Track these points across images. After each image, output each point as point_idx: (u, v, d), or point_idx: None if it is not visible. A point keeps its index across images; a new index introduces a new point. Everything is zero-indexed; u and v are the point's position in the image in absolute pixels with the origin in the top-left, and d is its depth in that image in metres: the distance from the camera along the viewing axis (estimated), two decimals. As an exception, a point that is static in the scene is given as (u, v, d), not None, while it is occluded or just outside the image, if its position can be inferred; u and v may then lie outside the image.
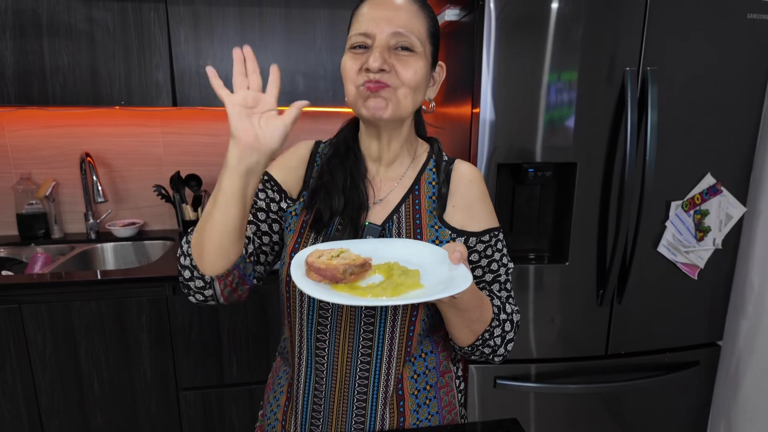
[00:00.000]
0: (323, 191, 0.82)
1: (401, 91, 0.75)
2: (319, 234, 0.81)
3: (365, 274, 0.67)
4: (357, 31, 0.74)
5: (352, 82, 0.75)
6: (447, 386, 0.88)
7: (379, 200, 0.84)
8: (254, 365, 1.73)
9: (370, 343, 0.79)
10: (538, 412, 1.65)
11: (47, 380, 1.61)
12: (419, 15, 0.76)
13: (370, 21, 0.73)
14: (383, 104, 0.74)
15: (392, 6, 0.74)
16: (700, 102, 1.47)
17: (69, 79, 1.70)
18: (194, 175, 1.85)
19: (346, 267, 0.64)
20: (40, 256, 1.85)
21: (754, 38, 1.45)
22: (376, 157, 0.85)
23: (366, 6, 0.76)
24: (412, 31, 0.74)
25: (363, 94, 0.74)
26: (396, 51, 0.74)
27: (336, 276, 0.64)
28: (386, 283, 0.65)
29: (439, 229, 0.81)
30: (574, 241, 1.51)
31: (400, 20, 0.73)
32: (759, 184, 1.61)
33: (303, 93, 1.83)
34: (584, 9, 1.36)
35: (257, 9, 1.74)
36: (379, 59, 0.71)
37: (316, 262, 0.65)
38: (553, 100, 1.41)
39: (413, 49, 0.74)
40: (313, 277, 0.64)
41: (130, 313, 1.61)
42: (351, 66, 0.75)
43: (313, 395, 0.83)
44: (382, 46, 0.73)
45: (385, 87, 0.73)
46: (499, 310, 0.80)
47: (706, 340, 1.70)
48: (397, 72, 0.73)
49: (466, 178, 0.85)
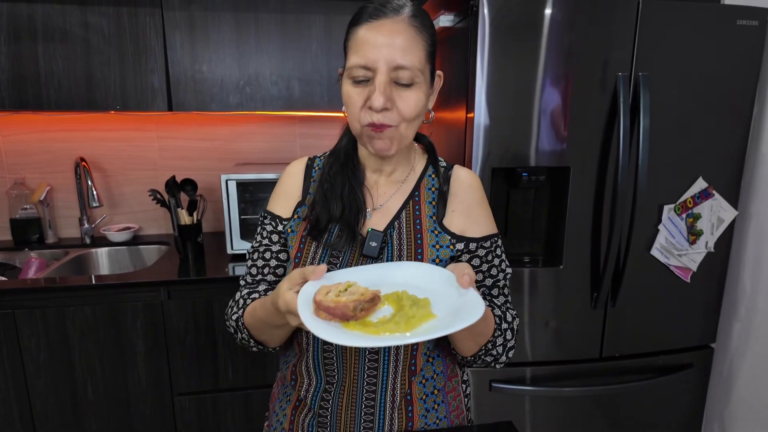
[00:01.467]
0: (322, 198, 0.83)
1: (403, 126, 0.75)
2: (317, 241, 0.82)
3: (375, 308, 0.65)
4: (357, 63, 0.72)
5: (356, 119, 0.75)
6: (454, 390, 0.88)
7: (380, 206, 0.85)
8: (250, 370, 1.72)
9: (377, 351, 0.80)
10: (534, 415, 1.65)
11: (41, 386, 1.60)
12: (418, 38, 0.73)
13: (370, 51, 0.71)
14: (388, 145, 0.76)
15: (392, 32, 0.71)
16: (691, 107, 1.49)
17: (64, 83, 1.70)
18: (190, 180, 1.85)
19: (356, 304, 0.63)
20: (34, 261, 1.84)
21: (744, 44, 1.47)
22: (377, 169, 0.86)
23: (364, 29, 0.72)
24: (413, 62, 0.72)
25: (368, 134, 0.75)
26: (396, 84, 0.73)
27: (346, 314, 0.62)
28: (398, 317, 0.63)
29: (439, 234, 0.82)
30: (568, 245, 1.52)
31: (400, 50, 0.71)
32: (750, 188, 1.63)
33: (299, 98, 1.84)
34: (577, 15, 1.38)
35: (253, 14, 1.75)
36: (381, 99, 0.71)
37: (325, 300, 0.63)
38: (546, 105, 1.42)
39: (413, 82, 0.73)
40: (323, 315, 0.63)
41: (124, 318, 1.61)
42: (355, 101, 0.74)
43: (320, 405, 0.83)
44: (384, 82, 0.71)
45: (388, 128, 0.74)
46: (501, 320, 0.80)
47: (700, 342, 1.71)
48: (398, 108, 0.73)
49: (466, 183, 0.86)
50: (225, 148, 2.15)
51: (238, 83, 1.80)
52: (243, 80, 1.80)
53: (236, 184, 1.77)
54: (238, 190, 1.78)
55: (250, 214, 1.84)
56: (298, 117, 2.16)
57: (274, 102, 1.83)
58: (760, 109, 1.58)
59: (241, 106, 1.82)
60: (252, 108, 1.83)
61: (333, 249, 0.81)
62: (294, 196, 0.88)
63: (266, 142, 2.17)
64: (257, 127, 2.15)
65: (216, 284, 1.65)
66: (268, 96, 1.83)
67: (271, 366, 1.73)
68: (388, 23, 0.72)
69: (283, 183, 0.90)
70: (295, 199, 0.88)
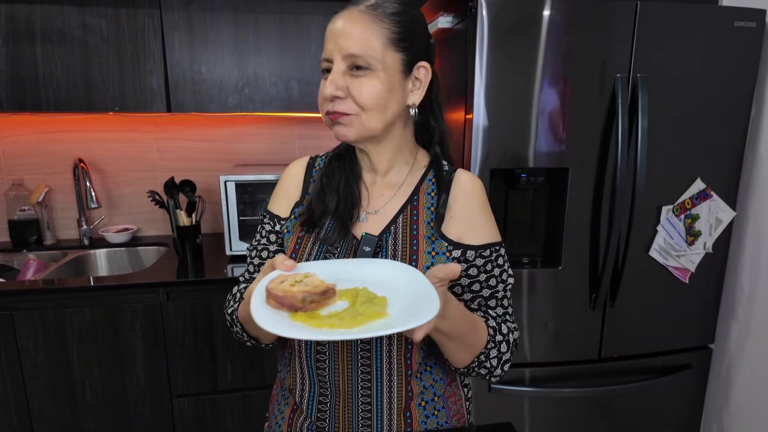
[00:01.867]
0: (319, 191, 0.83)
1: (363, 115, 0.75)
2: (310, 233, 0.82)
3: (328, 301, 0.63)
4: (322, 56, 0.76)
5: (323, 109, 0.78)
6: (455, 395, 0.87)
7: (375, 210, 0.83)
8: (249, 371, 1.72)
9: (369, 354, 0.79)
10: (533, 415, 1.65)
11: (39, 388, 1.60)
12: (374, 25, 0.73)
13: (328, 43, 0.75)
14: (345, 130, 0.76)
15: (348, 24, 0.73)
16: (689, 108, 1.49)
17: (62, 85, 1.70)
18: (188, 181, 1.85)
19: (305, 295, 0.60)
20: (33, 262, 1.84)
21: (741, 45, 1.47)
22: (370, 167, 0.85)
23: (330, 24, 0.76)
24: (367, 48, 0.72)
25: (328, 123, 0.78)
26: (352, 72, 0.74)
27: (294, 304, 0.60)
28: (346, 313, 0.60)
29: (435, 241, 0.79)
30: (567, 246, 1.52)
31: (352, 39, 0.72)
32: (748, 189, 1.64)
33: (298, 99, 1.84)
34: (575, 17, 1.38)
35: (252, 15, 1.75)
36: (330, 87, 0.73)
37: (276, 288, 0.61)
38: (545, 107, 1.42)
39: (369, 66, 0.73)
40: (272, 304, 0.61)
41: (123, 320, 1.60)
42: (320, 93, 0.77)
43: (317, 409, 0.83)
44: (338, 71, 0.74)
45: (343, 116, 0.75)
46: (495, 332, 0.79)
47: (698, 343, 1.71)
48: (353, 95, 0.73)
49: (467, 188, 0.83)
50: (224, 149, 2.15)
51: (237, 84, 1.80)
52: (242, 81, 1.80)
53: (235, 185, 1.77)
54: (236, 192, 1.77)
55: (249, 216, 1.84)
56: (297, 118, 2.16)
57: (273, 103, 1.83)
58: (758, 110, 1.58)
59: (240, 107, 1.82)
60: (251, 109, 1.83)
61: (326, 244, 0.81)
62: (293, 196, 0.88)
63: (265, 143, 2.17)
64: (256, 128, 2.15)
65: (215, 285, 1.65)
66: (267, 97, 1.83)
67: (269, 367, 1.73)
68: (345, 14, 0.75)
69: (283, 183, 0.91)
70: (294, 199, 0.88)
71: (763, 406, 1.62)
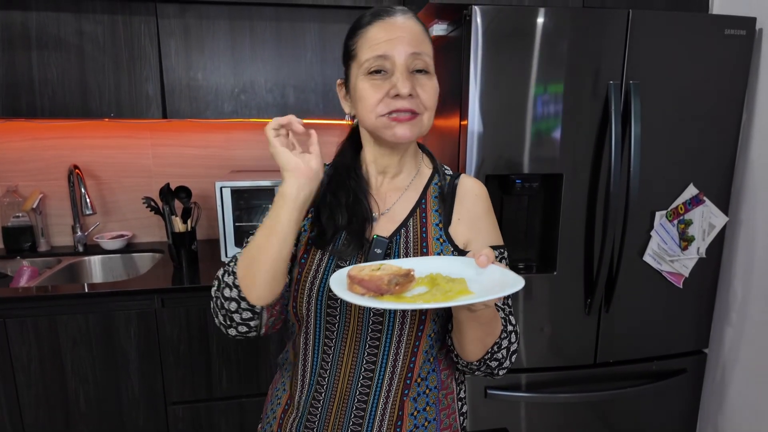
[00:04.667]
0: (327, 210, 0.82)
1: (426, 115, 0.77)
2: (322, 249, 0.81)
3: (409, 285, 0.64)
4: (374, 54, 0.74)
5: (372, 111, 0.76)
6: (448, 408, 0.87)
7: (386, 210, 0.84)
8: (244, 378, 1.71)
9: (375, 359, 0.79)
10: (529, 421, 1.65)
11: (32, 396, 1.58)
12: (425, 36, 0.78)
13: (385, 43, 0.73)
14: (410, 132, 0.76)
15: (404, 28, 0.75)
16: (681, 114, 1.51)
17: (58, 91, 1.70)
18: (184, 187, 1.84)
19: (391, 277, 0.62)
20: (26, 269, 1.82)
21: (732, 53, 1.49)
22: (383, 169, 0.85)
23: (375, 29, 0.75)
24: (427, 50, 0.76)
25: (388, 124, 0.76)
26: (414, 74, 0.75)
27: (381, 287, 0.61)
28: (434, 291, 0.62)
29: (443, 243, 0.81)
30: (562, 251, 1.53)
31: (415, 39, 0.74)
32: (740, 194, 1.65)
33: (293, 105, 1.85)
34: (568, 25, 1.40)
35: (248, 22, 1.76)
36: (408, 84, 0.73)
37: (360, 274, 0.63)
38: (539, 113, 1.43)
39: (428, 70, 0.76)
40: (357, 290, 0.62)
41: (118, 327, 1.60)
42: (372, 94, 0.75)
43: (309, 411, 0.83)
44: (405, 69, 0.74)
45: (415, 116, 0.75)
46: (506, 322, 0.80)
47: (693, 348, 1.72)
48: (420, 96, 0.75)
49: (473, 192, 0.86)
50: (219, 156, 2.15)
51: (232, 91, 1.81)
52: (238, 88, 1.81)
53: (231, 191, 1.77)
54: (232, 198, 1.77)
55: (244, 222, 1.84)
56: (293, 124, 2.16)
57: (268, 109, 1.84)
58: (748, 116, 1.60)
59: (236, 113, 1.82)
60: (247, 115, 1.83)
61: (340, 256, 0.80)
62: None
63: (261, 150, 2.17)
64: (252, 135, 2.15)
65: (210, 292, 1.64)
66: (263, 103, 1.83)
67: (264, 374, 1.72)
68: (400, 18, 0.76)
69: None
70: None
71: (758, 410, 1.62)
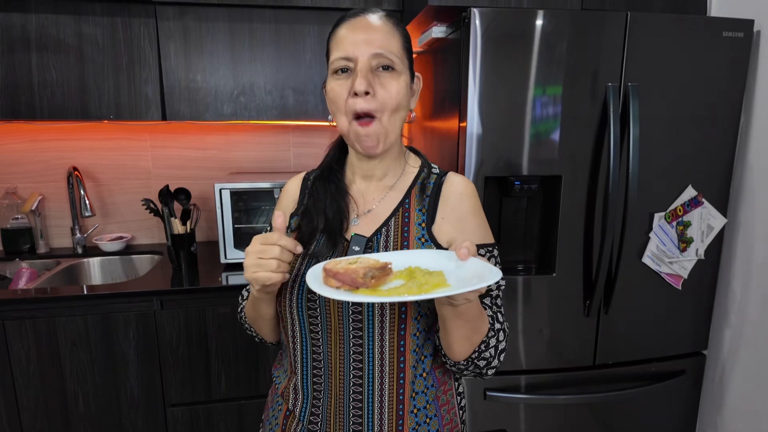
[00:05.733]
0: (307, 213, 0.86)
1: (385, 116, 0.78)
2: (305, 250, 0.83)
3: (386, 278, 0.63)
4: (338, 55, 0.77)
5: (342, 113, 0.78)
6: (448, 404, 0.87)
7: (368, 210, 0.85)
8: (243, 380, 1.71)
9: (361, 357, 0.79)
10: (528, 423, 1.65)
11: (30, 398, 1.58)
12: (394, 33, 0.79)
13: (350, 44, 0.76)
14: (375, 142, 0.78)
15: (370, 28, 0.77)
16: (680, 116, 1.51)
17: (57, 93, 1.70)
18: (183, 189, 1.84)
19: (366, 270, 0.61)
20: (25, 271, 1.82)
21: (730, 55, 1.50)
22: (366, 174, 0.87)
23: (343, 29, 0.78)
24: (391, 50, 0.77)
25: (355, 131, 0.78)
26: (377, 72, 0.77)
27: (356, 280, 0.60)
28: (410, 284, 0.61)
29: (425, 243, 0.81)
30: (561, 253, 1.53)
31: (378, 41, 0.76)
32: (738, 196, 1.66)
33: (293, 107, 1.85)
34: (567, 27, 1.40)
35: (247, 25, 1.76)
36: (364, 82, 0.75)
37: (335, 267, 0.62)
38: (538, 115, 1.44)
39: (393, 67, 0.77)
40: (332, 283, 0.62)
41: (117, 329, 1.59)
42: (339, 93, 0.77)
43: (310, 412, 0.83)
44: (365, 68, 0.76)
45: (373, 120, 0.77)
46: (493, 320, 0.79)
47: (692, 349, 1.72)
48: (379, 94, 0.76)
49: (458, 191, 0.84)
50: (219, 157, 2.15)
51: (232, 93, 1.81)
52: (237, 90, 1.81)
53: (230, 193, 1.77)
54: (231, 199, 1.78)
55: (243, 223, 1.84)
56: (292, 126, 2.17)
57: (268, 111, 1.84)
58: (746, 118, 1.61)
59: (236, 115, 1.83)
60: (246, 117, 1.84)
61: (315, 257, 0.82)
62: (290, 210, 0.91)
63: (260, 151, 2.18)
64: (251, 136, 2.16)
65: (209, 294, 1.65)
66: (263, 105, 1.83)
67: (264, 376, 1.72)
68: (364, 19, 0.79)
69: (281, 199, 0.95)
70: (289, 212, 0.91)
71: (757, 412, 1.62)
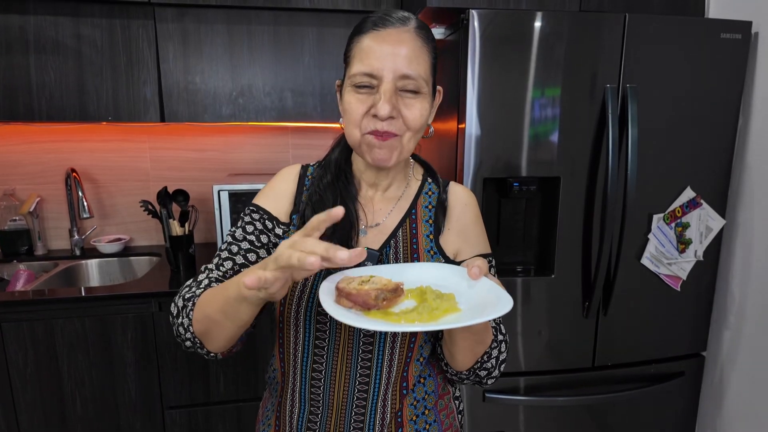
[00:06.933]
0: (312, 213, 0.79)
1: (406, 136, 0.74)
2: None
3: (398, 300, 0.64)
4: (362, 70, 0.71)
5: (356, 126, 0.73)
6: (447, 408, 0.87)
7: (376, 224, 0.82)
8: (241, 382, 1.71)
9: (368, 372, 0.78)
10: (527, 424, 1.65)
11: (28, 400, 1.57)
12: (424, 49, 0.73)
13: (375, 60, 0.70)
14: (388, 155, 0.74)
15: (399, 43, 0.71)
16: (678, 118, 1.51)
17: (56, 94, 1.70)
18: (182, 191, 1.84)
19: (378, 293, 0.61)
20: (23, 273, 1.82)
21: (728, 57, 1.50)
22: (372, 183, 0.84)
23: (369, 39, 0.72)
24: (419, 72, 0.72)
25: (368, 142, 0.74)
26: (402, 93, 0.72)
27: (368, 302, 0.61)
28: (421, 308, 0.61)
29: (434, 255, 0.81)
30: (559, 254, 1.53)
31: (407, 60, 0.71)
32: (737, 197, 1.66)
33: (291, 109, 1.85)
34: (565, 28, 1.40)
35: (246, 27, 1.76)
36: (387, 107, 0.70)
37: (347, 287, 0.62)
38: (536, 116, 1.44)
39: (420, 91, 0.73)
40: (344, 303, 0.62)
41: (114, 331, 1.59)
42: (357, 108, 0.72)
43: (307, 426, 0.81)
44: (390, 90, 0.71)
45: (393, 137, 0.73)
46: (496, 331, 0.79)
47: (691, 350, 1.72)
48: (403, 116, 0.72)
49: (462, 201, 0.85)
50: (217, 159, 2.15)
51: (230, 94, 1.81)
52: (236, 91, 1.81)
53: (228, 194, 1.77)
54: (230, 201, 1.77)
55: (242, 225, 1.83)
56: (291, 128, 2.17)
57: (266, 113, 1.84)
58: (745, 119, 1.61)
59: (234, 116, 1.82)
60: (245, 119, 1.83)
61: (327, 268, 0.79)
62: (285, 199, 0.84)
63: (259, 153, 2.17)
64: (250, 138, 2.15)
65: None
66: (261, 107, 1.83)
67: (262, 378, 1.71)
68: (394, 33, 0.72)
69: (276, 184, 0.86)
70: (286, 204, 0.83)
71: (757, 413, 1.62)
